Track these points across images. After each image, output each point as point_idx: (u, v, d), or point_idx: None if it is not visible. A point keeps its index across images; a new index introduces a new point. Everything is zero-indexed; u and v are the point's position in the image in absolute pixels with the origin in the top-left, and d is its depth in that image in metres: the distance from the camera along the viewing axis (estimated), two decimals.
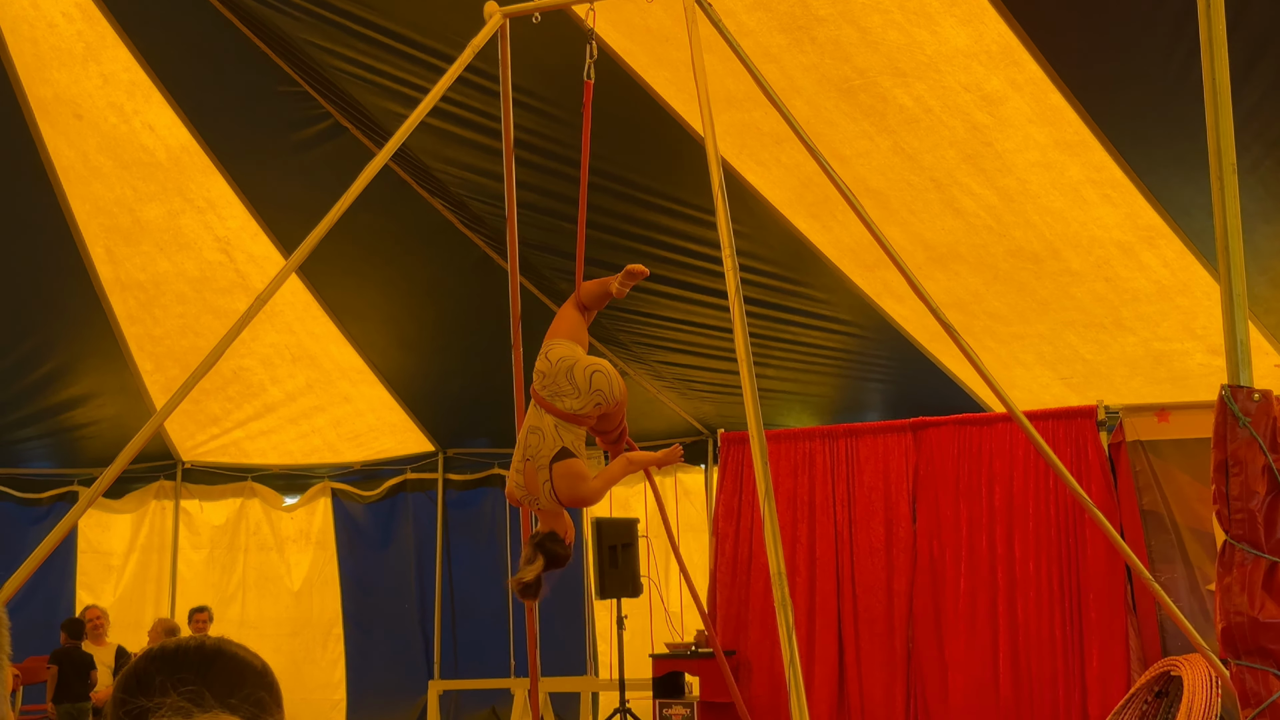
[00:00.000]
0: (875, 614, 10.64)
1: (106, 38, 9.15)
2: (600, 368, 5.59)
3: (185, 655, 1.90)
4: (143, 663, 1.89)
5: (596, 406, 5.55)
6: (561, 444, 5.54)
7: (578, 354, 5.69)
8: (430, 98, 5.47)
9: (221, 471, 13.08)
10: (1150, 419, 9.73)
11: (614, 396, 5.56)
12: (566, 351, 5.68)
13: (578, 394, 5.54)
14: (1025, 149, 7.51)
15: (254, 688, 1.86)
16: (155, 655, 1.93)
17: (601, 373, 5.56)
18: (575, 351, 5.71)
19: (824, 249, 9.00)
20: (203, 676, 1.82)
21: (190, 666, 1.85)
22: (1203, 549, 9.28)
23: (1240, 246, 3.29)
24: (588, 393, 5.53)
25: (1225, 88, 3.35)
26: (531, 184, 8.67)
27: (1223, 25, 3.37)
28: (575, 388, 5.54)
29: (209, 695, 1.70)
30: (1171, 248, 7.91)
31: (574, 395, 5.54)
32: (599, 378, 5.54)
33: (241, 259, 10.88)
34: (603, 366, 5.61)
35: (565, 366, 5.60)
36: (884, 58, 7.13)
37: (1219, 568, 3.22)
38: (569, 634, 12.27)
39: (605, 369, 5.60)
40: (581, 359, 5.65)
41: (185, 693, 1.69)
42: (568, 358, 5.64)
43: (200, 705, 1.57)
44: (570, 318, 5.91)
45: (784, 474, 10.99)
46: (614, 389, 5.56)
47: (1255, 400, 3.20)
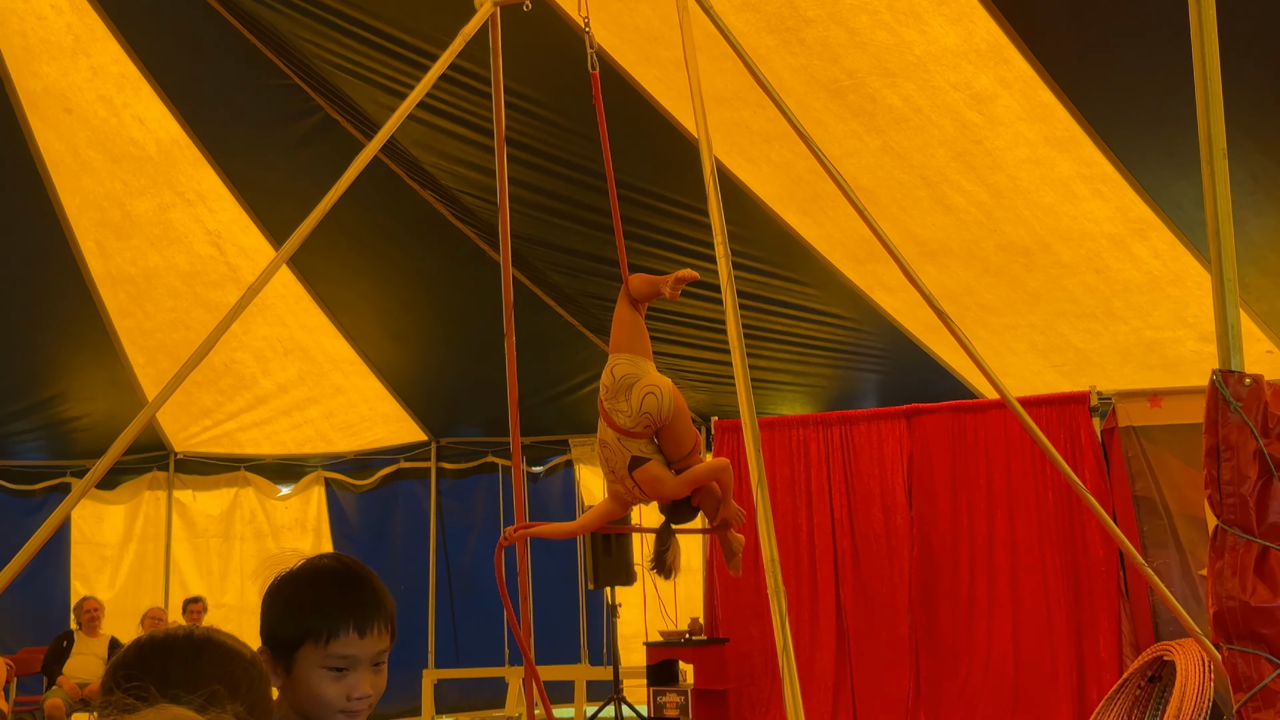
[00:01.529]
0: (876, 600, 10.67)
1: (96, 30, 9.12)
2: (654, 389, 5.65)
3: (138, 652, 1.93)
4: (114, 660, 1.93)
5: (646, 427, 5.64)
6: (630, 454, 5.69)
7: (642, 371, 5.77)
8: (421, 87, 5.46)
9: (215, 462, 13.07)
10: (1143, 404, 9.75)
11: (661, 417, 5.62)
12: (631, 369, 5.77)
13: (630, 413, 5.66)
14: (1015, 146, 7.51)
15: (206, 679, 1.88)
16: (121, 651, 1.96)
17: (654, 395, 5.63)
18: (640, 369, 5.78)
19: (815, 244, 9.00)
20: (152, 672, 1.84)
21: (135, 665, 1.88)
22: (1195, 534, 9.30)
23: (1231, 231, 3.29)
24: (638, 413, 5.64)
25: (1215, 72, 3.35)
26: (522, 178, 8.67)
27: (1212, 7, 3.37)
28: (629, 406, 5.66)
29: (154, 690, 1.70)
30: (1162, 239, 7.92)
31: (627, 413, 5.67)
32: (650, 400, 5.62)
33: (232, 252, 10.87)
34: (657, 388, 5.66)
35: (627, 384, 5.72)
36: (872, 58, 7.13)
37: (1211, 552, 3.22)
38: (564, 622, 12.28)
39: (659, 391, 5.64)
40: (644, 378, 5.72)
41: (130, 689, 1.70)
42: (631, 375, 5.74)
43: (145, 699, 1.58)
44: (627, 323, 5.93)
45: (779, 461, 11.00)
46: (662, 410, 5.61)
47: (1246, 385, 3.20)
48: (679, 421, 5.68)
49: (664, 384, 5.69)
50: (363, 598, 2.32)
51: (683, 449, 5.71)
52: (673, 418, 5.65)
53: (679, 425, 5.69)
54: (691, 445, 5.73)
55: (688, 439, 5.73)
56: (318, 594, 2.31)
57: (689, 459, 5.72)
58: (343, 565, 2.37)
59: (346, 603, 2.30)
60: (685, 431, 5.72)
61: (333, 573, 2.35)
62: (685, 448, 5.71)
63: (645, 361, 5.85)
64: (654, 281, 5.92)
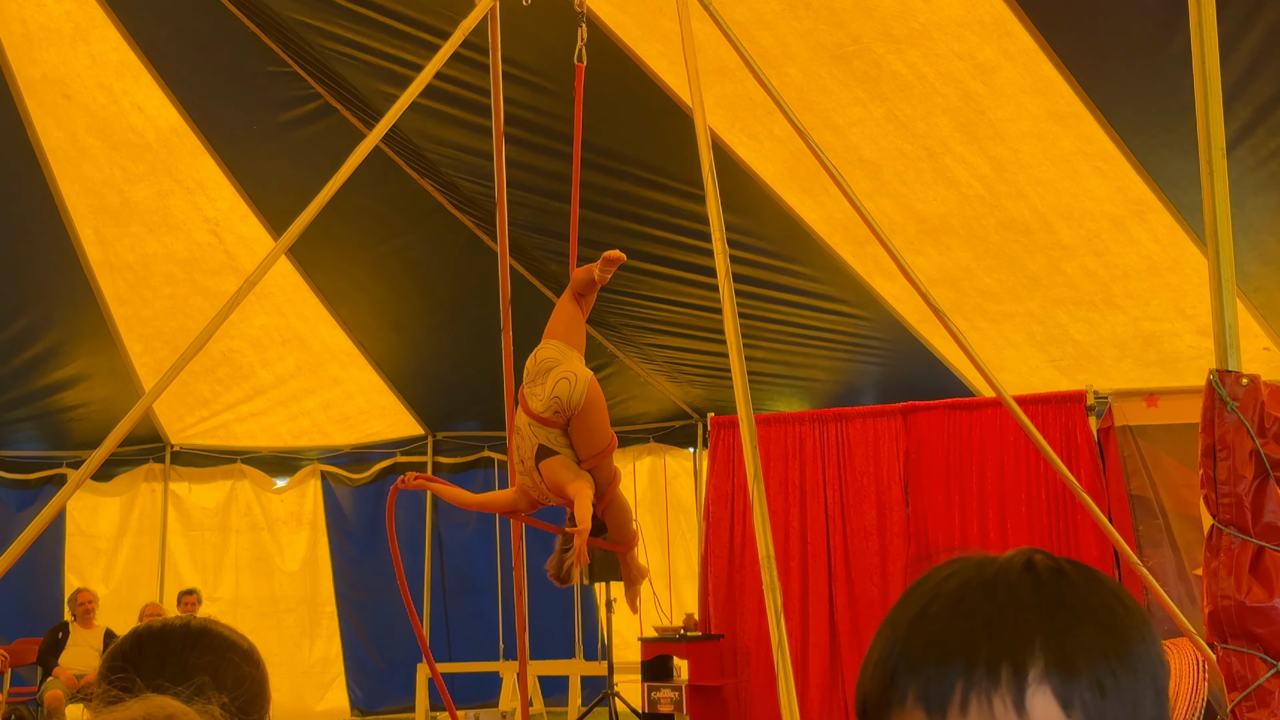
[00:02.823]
0: (869, 598, 10.66)
1: (95, 18, 9.11)
2: (568, 375, 5.51)
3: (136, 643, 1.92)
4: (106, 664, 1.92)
5: (556, 413, 5.50)
6: (537, 442, 5.55)
7: (564, 358, 5.64)
8: (421, 79, 5.44)
9: (211, 454, 13.06)
10: (1139, 404, 9.74)
11: (571, 404, 5.46)
12: (554, 354, 5.66)
13: (543, 397, 5.53)
14: (1017, 119, 7.51)
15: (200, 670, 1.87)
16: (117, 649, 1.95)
17: (566, 381, 5.49)
18: (562, 354, 5.66)
19: (815, 225, 8.98)
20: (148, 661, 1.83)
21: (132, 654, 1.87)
22: (1191, 534, 9.29)
23: (1229, 230, 3.29)
24: (549, 397, 5.51)
25: (1215, 72, 3.35)
26: (522, 163, 8.66)
27: (1212, 8, 3.36)
28: (543, 390, 5.54)
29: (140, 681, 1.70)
30: (1162, 222, 7.92)
31: (540, 397, 5.54)
32: (562, 385, 5.48)
33: (231, 240, 10.86)
34: (572, 374, 5.52)
35: (545, 369, 5.61)
36: (878, 24, 7.12)
37: (1206, 552, 3.22)
38: (558, 617, 12.28)
39: (573, 377, 5.51)
40: (563, 364, 5.60)
41: (115, 680, 1.70)
42: (551, 360, 5.63)
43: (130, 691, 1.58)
44: (565, 312, 5.86)
45: (775, 458, 10.99)
46: (573, 397, 5.45)
47: (1243, 385, 3.20)
48: (591, 414, 5.53)
49: (582, 373, 5.56)
50: None
51: (593, 446, 5.55)
52: (584, 408, 5.49)
53: (591, 418, 5.54)
54: (604, 445, 5.57)
55: (600, 436, 5.58)
56: None
57: (599, 459, 5.56)
58: None
59: None
60: (597, 427, 5.58)
61: None
62: (596, 446, 5.56)
63: (572, 351, 5.72)
64: (587, 270, 5.85)
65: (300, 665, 12.85)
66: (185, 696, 1.52)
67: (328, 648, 12.95)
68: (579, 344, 5.83)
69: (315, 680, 12.84)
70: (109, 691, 1.61)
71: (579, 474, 5.54)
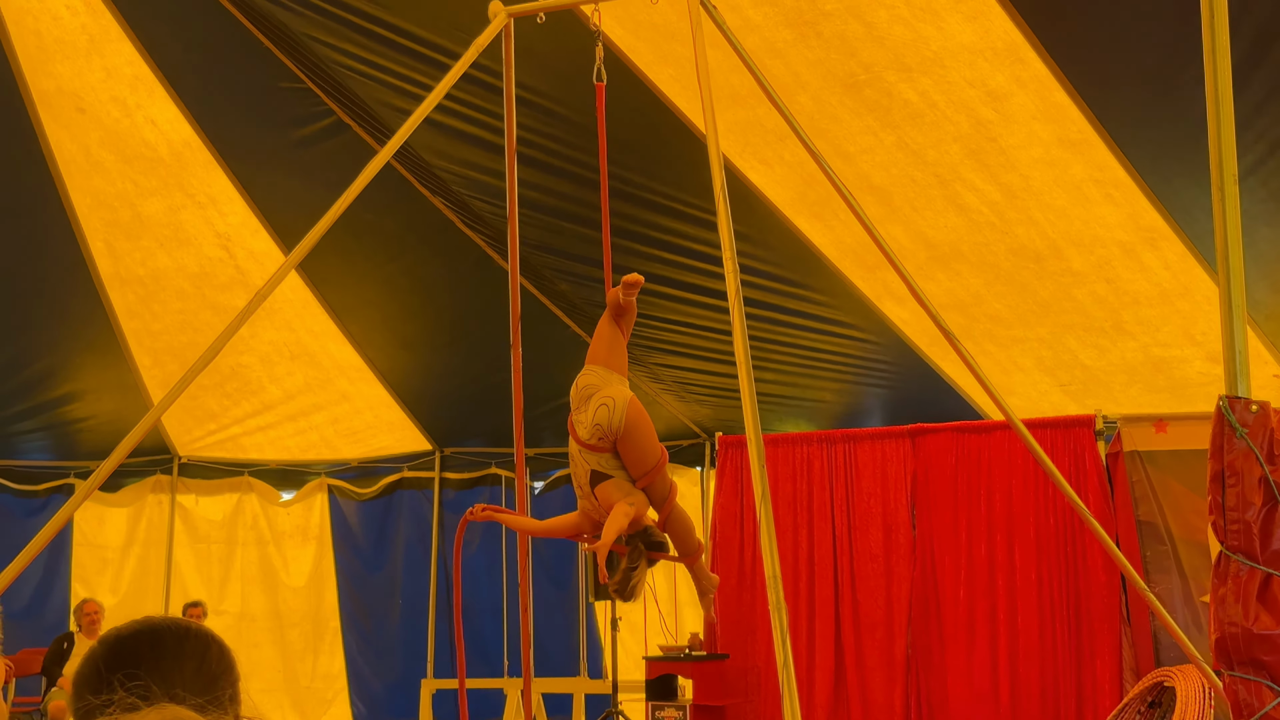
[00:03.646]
0: (874, 620, 10.65)
1: (110, 31, 9.14)
2: (607, 401, 5.55)
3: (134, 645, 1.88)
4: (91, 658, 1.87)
5: (600, 439, 5.55)
6: (590, 468, 5.60)
7: (604, 383, 5.68)
8: (433, 97, 5.46)
9: (218, 466, 13.07)
10: (1148, 429, 9.73)
11: (612, 429, 5.51)
12: (593, 379, 5.71)
13: (586, 424, 5.59)
14: (1029, 145, 7.51)
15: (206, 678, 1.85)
16: (101, 645, 1.90)
17: (605, 407, 5.53)
18: (601, 380, 5.71)
19: (825, 249, 8.99)
20: (150, 669, 1.80)
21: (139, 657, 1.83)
22: (1198, 560, 9.28)
23: (1240, 258, 3.29)
24: (591, 424, 5.56)
25: (1228, 98, 3.35)
26: (533, 183, 8.67)
27: (1225, 35, 3.37)
28: (586, 417, 5.59)
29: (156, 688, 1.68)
30: (1173, 250, 7.91)
31: (585, 425, 5.60)
32: (601, 411, 5.53)
33: (241, 255, 10.88)
34: (611, 400, 5.56)
35: (586, 395, 5.66)
36: (890, 53, 7.13)
37: (1214, 578, 3.22)
38: (563, 635, 12.27)
39: (612, 402, 5.54)
40: (603, 389, 5.64)
41: (133, 688, 1.68)
42: (591, 386, 5.68)
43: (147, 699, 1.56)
44: (605, 335, 5.89)
45: (782, 478, 10.99)
46: (612, 423, 5.50)
47: (1253, 411, 3.20)
48: (634, 435, 5.54)
49: (620, 397, 5.58)
50: None
51: (643, 464, 5.56)
52: (626, 431, 5.51)
53: (635, 439, 5.55)
54: (654, 462, 5.57)
55: (649, 455, 5.58)
56: None
57: (652, 476, 5.57)
58: None
59: None
60: (645, 446, 5.59)
61: None
62: (646, 464, 5.56)
63: (613, 375, 5.76)
64: (614, 291, 5.87)
65: (303, 681, 12.84)
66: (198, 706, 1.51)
67: (330, 664, 12.93)
68: (621, 366, 5.85)
69: (318, 697, 12.82)
70: (125, 699, 1.60)
71: (629, 493, 5.55)
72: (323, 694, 12.84)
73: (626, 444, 5.54)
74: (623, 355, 5.90)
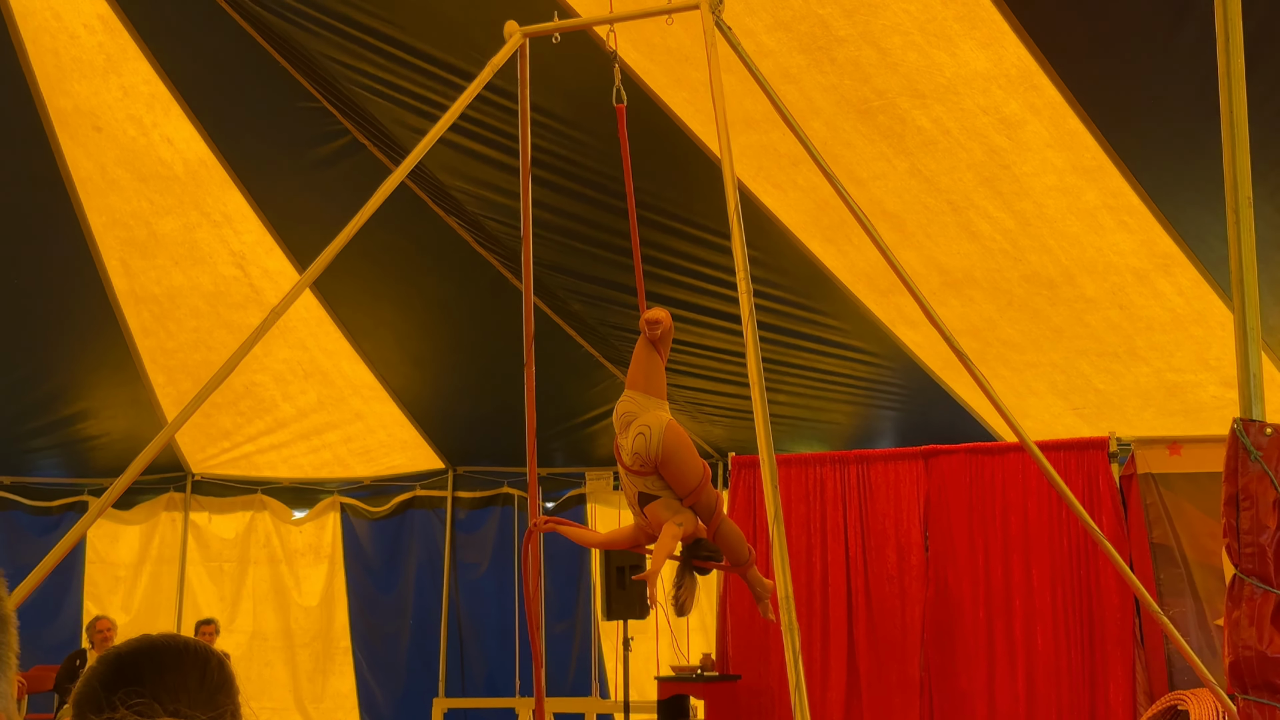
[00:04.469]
0: (889, 641, 10.62)
1: (128, 50, 9.19)
2: (644, 429, 5.68)
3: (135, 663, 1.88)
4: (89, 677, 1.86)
5: (642, 466, 5.68)
6: (639, 489, 5.75)
7: (640, 410, 5.79)
8: (448, 116, 5.48)
9: (231, 484, 13.08)
10: (1162, 452, 9.71)
11: (651, 457, 5.63)
12: (631, 407, 5.82)
13: (628, 450, 5.73)
14: (1043, 173, 7.50)
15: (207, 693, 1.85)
16: (100, 664, 1.89)
17: (643, 435, 5.66)
18: (639, 406, 5.82)
19: (839, 274, 9.00)
20: (152, 686, 1.79)
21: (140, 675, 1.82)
22: (1212, 583, 9.25)
23: (1255, 280, 3.29)
24: (631, 452, 5.70)
25: (1243, 121, 3.35)
26: (547, 204, 8.69)
27: (1240, 59, 3.37)
28: (627, 444, 5.73)
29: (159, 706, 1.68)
30: (1187, 276, 7.90)
31: (627, 451, 5.74)
32: (639, 440, 5.66)
33: (256, 274, 10.91)
34: (647, 428, 5.68)
35: (625, 423, 5.79)
36: (903, 79, 7.14)
37: (1228, 602, 3.21)
38: (575, 655, 12.26)
39: (648, 430, 5.66)
40: (640, 416, 5.75)
41: (134, 705, 1.68)
42: (629, 414, 5.80)
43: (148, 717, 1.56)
44: (641, 360, 5.97)
45: (795, 499, 10.98)
46: (650, 450, 5.63)
47: (1267, 434, 3.20)
48: (676, 459, 5.65)
49: (656, 424, 5.68)
50: None
51: (686, 485, 5.67)
52: (665, 457, 5.63)
53: (676, 463, 5.66)
54: (696, 482, 5.67)
55: (690, 475, 5.68)
56: None
57: (697, 494, 5.68)
58: None
59: None
60: (686, 468, 5.68)
61: None
62: (689, 484, 5.67)
63: (651, 400, 5.85)
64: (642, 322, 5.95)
65: (313, 701, 12.82)
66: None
67: (340, 684, 12.92)
68: (659, 389, 5.94)
69: (328, 717, 12.81)
70: (128, 717, 1.59)
71: (677, 511, 5.69)
72: (332, 715, 12.83)
73: (668, 468, 5.67)
74: (661, 378, 6.00)
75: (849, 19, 6.83)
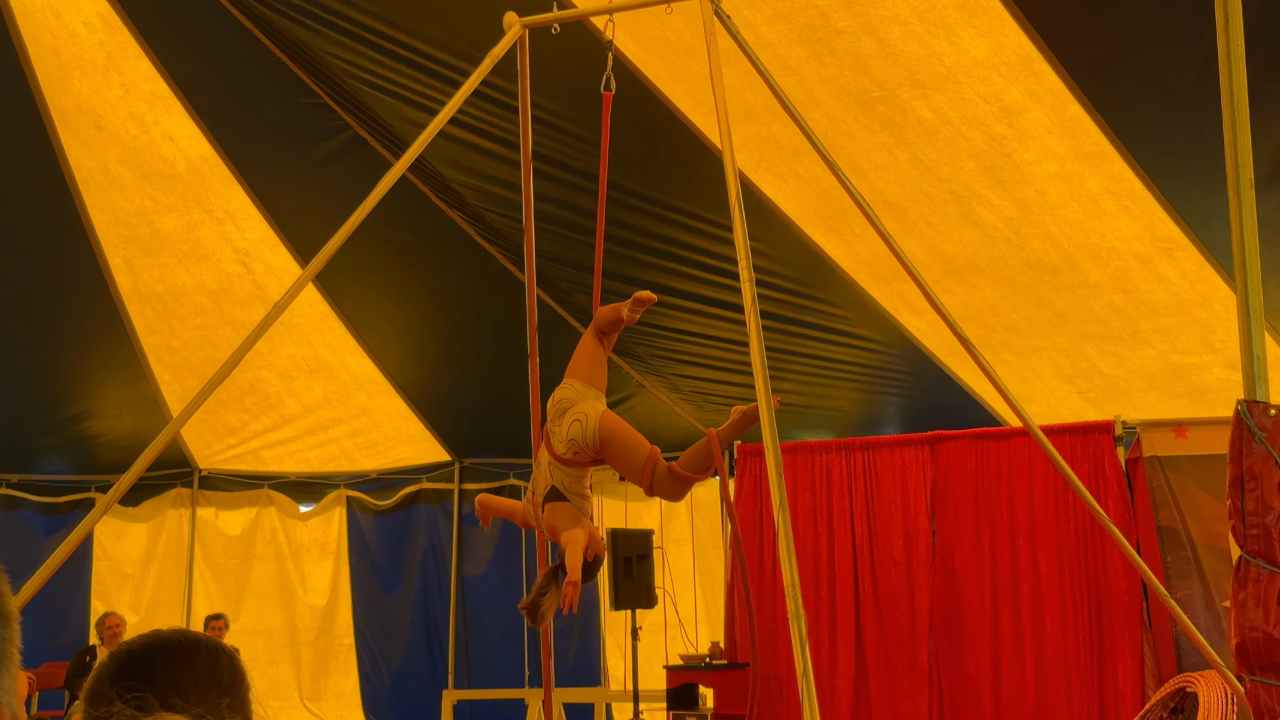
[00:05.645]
0: (897, 627, 10.63)
1: (128, 48, 9.19)
2: (580, 417, 5.59)
3: (139, 657, 1.90)
4: (99, 672, 1.89)
5: (576, 453, 5.59)
6: (551, 483, 5.66)
7: (579, 398, 5.71)
8: (449, 108, 5.49)
9: (238, 479, 13.10)
10: (1168, 435, 9.71)
11: (587, 443, 5.55)
12: (569, 394, 5.73)
13: (562, 438, 5.61)
14: (1044, 160, 7.49)
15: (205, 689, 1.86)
16: (111, 659, 1.92)
17: (579, 423, 5.57)
18: (577, 395, 5.73)
19: (841, 262, 8.99)
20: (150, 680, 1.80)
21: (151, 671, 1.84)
22: (1219, 565, 9.25)
23: (1257, 261, 3.29)
24: (566, 439, 5.59)
25: (1243, 102, 3.35)
26: (549, 196, 8.69)
27: (1241, 40, 3.37)
28: (561, 431, 5.62)
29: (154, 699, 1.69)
30: (1190, 260, 7.89)
31: (560, 439, 5.62)
32: (574, 428, 5.56)
33: (260, 270, 10.91)
34: (584, 415, 5.59)
35: (561, 410, 5.68)
36: (903, 69, 7.13)
37: (1234, 583, 3.21)
38: (583, 645, 12.28)
39: (585, 418, 5.57)
40: (576, 405, 5.66)
41: (130, 700, 1.69)
42: (566, 401, 5.70)
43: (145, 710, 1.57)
44: (587, 351, 5.90)
45: (801, 487, 10.98)
46: (586, 437, 5.54)
47: (1271, 415, 3.20)
48: (613, 444, 5.57)
49: (592, 412, 5.61)
50: None
51: (632, 465, 5.57)
52: (603, 443, 5.55)
53: (615, 447, 5.57)
54: (641, 461, 5.54)
55: (634, 456, 5.56)
56: None
57: (645, 471, 5.52)
58: None
59: None
60: (627, 451, 5.58)
61: None
62: (634, 464, 5.56)
63: (590, 390, 5.79)
64: (615, 309, 5.88)
65: (316, 699, 12.83)
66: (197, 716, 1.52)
67: (344, 682, 12.93)
68: (600, 382, 5.88)
69: (333, 717, 12.82)
70: (124, 710, 1.61)
71: (576, 521, 5.63)
72: (337, 714, 12.83)
73: (610, 454, 5.59)
74: (603, 372, 5.93)
75: (848, 10, 6.82)
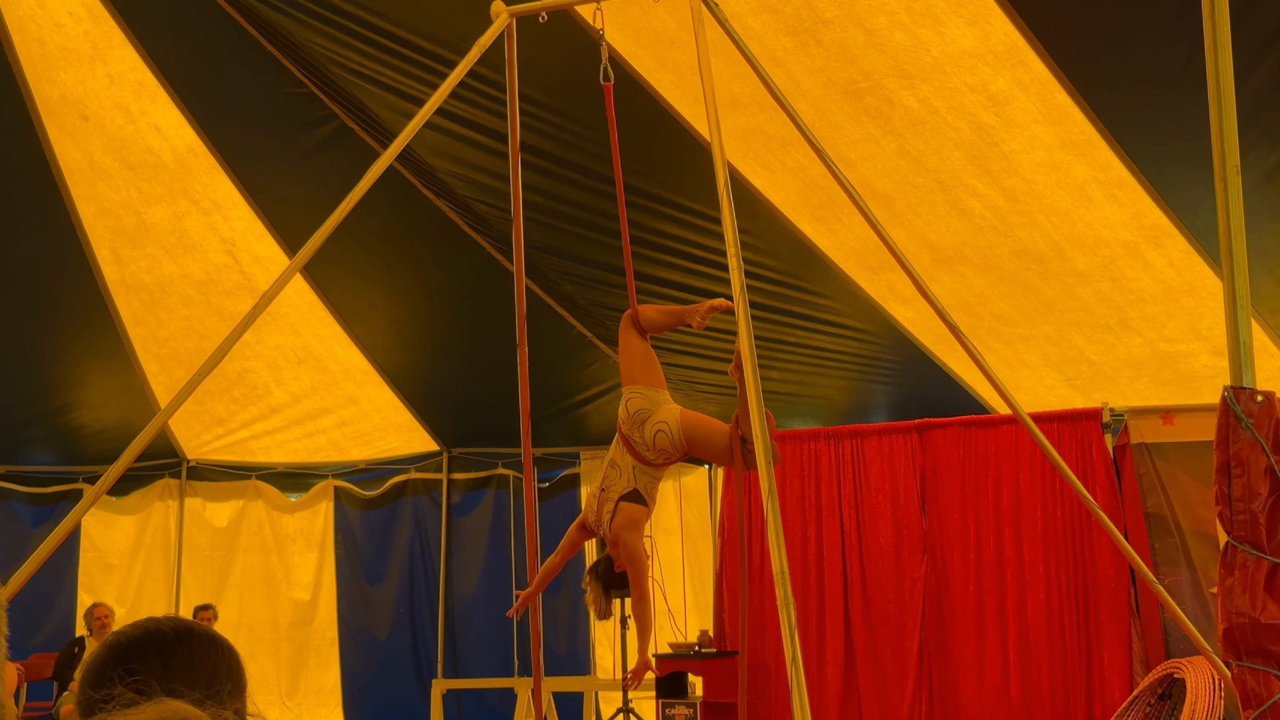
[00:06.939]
0: (886, 614, 10.66)
1: (113, 37, 9.15)
2: (663, 426, 5.79)
3: (138, 643, 1.90)
4: (100, 656, 1.91)
5: (666, 459, 5.85)
6: (635, 485, 5.90)
7: (654, 405, 5.89)
8: (436, 97, 5.47)
9: (226, 469, 13.08)
10: (1155, 421, 9.73)
11: (676, 447, 5.79)
12: (643, 404, 5.90)
13: (648, 446, 5.85)
14: (1031, 149, 7.50)
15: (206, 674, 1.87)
16: (110, 645, 1.93)
17: (664, 432, 5.78)
18: (650, 403, 5.90)
19: (829, 252, 9.00)
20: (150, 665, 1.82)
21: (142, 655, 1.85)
22: (1207, 551, 9.28)
23: (1244, 248, 3.29)
24: (654, 448, 5.83)
25: (1229, 89, 3.36)
26: (537, 186, 8.68)
27: (1227, 26, 3.38)
28: (645, 439, 5.84)
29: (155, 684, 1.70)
30: (1177, 247, 7.91)
31: (644, 445, 5.86)
32: (661, 437, 5.79)
33: (247, 260, 10.89)
34: (665, 424, 5.79)
35: (641, 420, 5.87)
36: (890, 59, 7.12)
37: (1221, 569, 3.22)
38: (572, 634, 12.29)
39: (668, 426, 5.78)
40: (655, 413, 5.85)
41: (132, 684, 1.70)
42: (644, 410, 5.88)
43: (146, 694, 1.58)
44: (636, 352, 6.04)
45: (790, 475, 11.00)
46: (674, 441, 5.77)
47: (1258, 402, 3.21)
48: (697, 440, 5.79)
49: (672, 417, 5.81)
50: None
51: (721, 449, 5.71)
52: (690, 443, 5.78)
53: (699, 442, 5.80)
54: (725, 441, 5.64)
55: (718, 440, 5.72)
56: None
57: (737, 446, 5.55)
58: None
59: None
60: (714, 440, 5.75)
61: None
62: (723, 452, 5.70)
63: (659, 393, 5.95)
64: (676, 312, 6.00)
65: (294, 695, 12.82)
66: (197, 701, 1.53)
67: (324, 678, 12.91)
68: (659, 379, 6.03)
69: (312, 713, 12.79)
70: (125, 693, 1.61)
71: (637, 526, 5.89)
72: (316, 711, 12.81)
73: (698, 450, 5.87)
74: (658, 366, 6.09)
75: (835, 0, 6.82)
